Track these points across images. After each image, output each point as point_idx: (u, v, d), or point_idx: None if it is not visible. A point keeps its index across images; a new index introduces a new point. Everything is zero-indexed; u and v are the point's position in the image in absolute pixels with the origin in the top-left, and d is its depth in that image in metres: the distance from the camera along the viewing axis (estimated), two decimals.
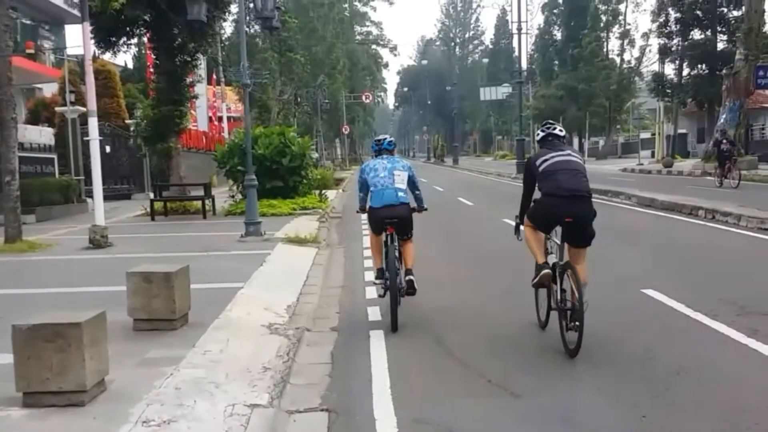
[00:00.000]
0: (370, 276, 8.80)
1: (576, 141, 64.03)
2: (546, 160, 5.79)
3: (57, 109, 20.61)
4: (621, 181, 26.75)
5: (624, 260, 10.03)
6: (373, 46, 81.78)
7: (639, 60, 55.29)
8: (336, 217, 18.49)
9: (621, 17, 56.53)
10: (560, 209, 5.63)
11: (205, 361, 5.13)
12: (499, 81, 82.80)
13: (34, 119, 20.81)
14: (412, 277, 6.74)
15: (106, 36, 17.76)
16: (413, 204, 7.13)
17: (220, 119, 42.89)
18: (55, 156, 19.37)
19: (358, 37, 78.33)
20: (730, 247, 11.32)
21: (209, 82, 44.75)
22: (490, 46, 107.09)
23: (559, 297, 5.72)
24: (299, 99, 40.36)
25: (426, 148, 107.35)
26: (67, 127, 19.80)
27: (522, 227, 6.19)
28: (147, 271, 5.98)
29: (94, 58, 18.50)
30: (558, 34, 64.66)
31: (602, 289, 7.30)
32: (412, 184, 7.11)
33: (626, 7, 56.54)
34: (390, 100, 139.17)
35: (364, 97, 66.49)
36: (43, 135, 19.04)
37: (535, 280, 5.88)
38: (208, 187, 17.57)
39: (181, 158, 19.01)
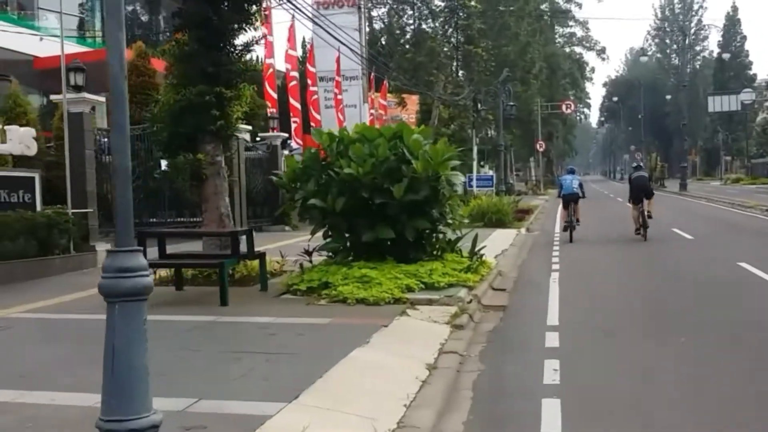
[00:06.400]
0: None
1: None
2: (633, 174, 18.00)
3: (52, 97, 13.05)
4: None
5: None
6: (577, 50, 70.54)
7: None
8: (497, 306, 9.02)
9: None
10: (638, 192, 16.78)
11: None
12: (728, 91, 68.37)
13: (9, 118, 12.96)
14: (578, 218, 17.37)
15: None
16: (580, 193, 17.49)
17: None
18: (35, 175, 11.73)
19: (559, 40, 67.67)
20: None
21: (378, 89, 36.56)
22: (717, 51, 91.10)
23: (641, 221, 16.34)
24: (479, 104, 31.16)
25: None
26: (65, 126, 12.06)
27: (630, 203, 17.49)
28: None
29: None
30: None
31: None
32: (580, 186, 17.57)
33: None
34: (593, 118, 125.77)
35: (564, 107, 55.56)
36: (11, 139, 11.45)
37: (635, 230, 16.74)
38: (236, 239, 8.78)
39: (223, 182, 10.53)
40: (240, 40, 10.52)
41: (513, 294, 9.92)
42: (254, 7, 10.51)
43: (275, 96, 21.30)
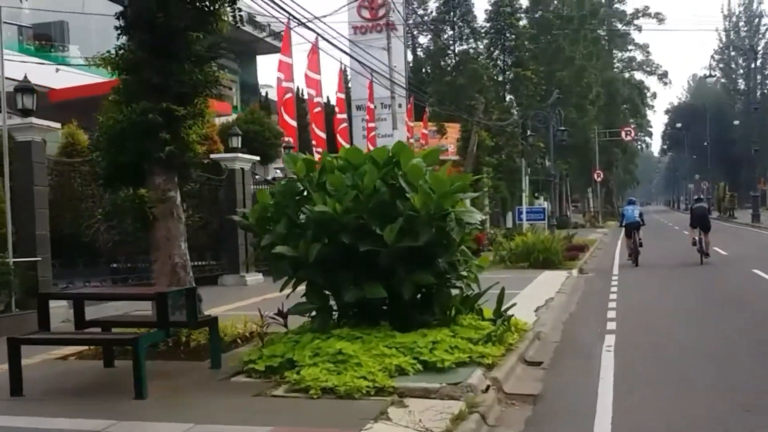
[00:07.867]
0: None
1: None
2: (695, 204, 20.35)
3: None
4: None
5: None
6: (638, 75, 67.02)
7: None
8: (526, 396, 6.46)
9: None
10: (696, 221, 19.08)
11: None
12: None
13: None
14: (641, 246, 19.00)
15: None
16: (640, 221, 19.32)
17: None
18: None
19: (618, 65, 64.47)
20: None
21: (419, 117, 34.12)
22: None
23: (699, 247, 18.39)
24: (528, 130, 28.46)
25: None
26: (4, 158, 10.02)
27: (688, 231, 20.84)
28: None
29: None
30: None
31: None
32: (640, 215, 19.30)
33: None
34: (655, 147, 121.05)
35: (623, 134, 52.16)
36: None
37: (691, 243, 19.09)
38: (164, 303, 6.36)
39: (178, 224, 8.28)
40: (199, 45, 8.32)
41: (551, 372, 7.32)
42: (217, 5, 8.32)
43: (294, 124, 19.18)
